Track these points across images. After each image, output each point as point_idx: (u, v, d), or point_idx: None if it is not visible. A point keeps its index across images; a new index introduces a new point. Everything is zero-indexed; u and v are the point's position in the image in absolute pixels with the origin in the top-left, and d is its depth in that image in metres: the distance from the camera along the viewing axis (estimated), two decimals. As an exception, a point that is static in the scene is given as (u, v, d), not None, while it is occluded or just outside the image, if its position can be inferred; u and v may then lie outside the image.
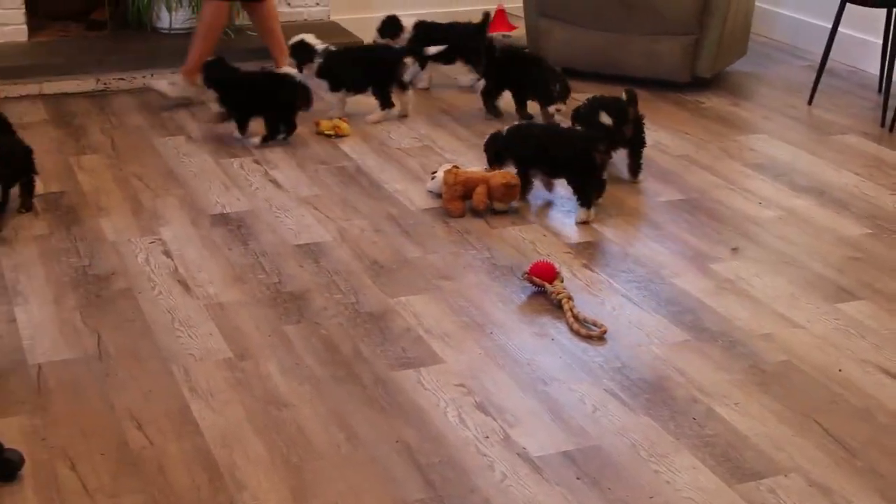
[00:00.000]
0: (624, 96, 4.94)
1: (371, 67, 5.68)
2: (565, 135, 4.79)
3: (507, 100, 5.78)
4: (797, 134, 5.69)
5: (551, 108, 5.45)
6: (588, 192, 4.60)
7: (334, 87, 5.63)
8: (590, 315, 3.83)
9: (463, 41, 6.04)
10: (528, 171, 4.76)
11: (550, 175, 4.80)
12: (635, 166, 5.04)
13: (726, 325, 3.83)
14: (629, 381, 3.49)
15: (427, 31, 6.09)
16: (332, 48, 5.69)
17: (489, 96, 5.78)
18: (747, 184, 5.03)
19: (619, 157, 5.06)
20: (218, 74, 5.37)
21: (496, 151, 4.83)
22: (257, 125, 5.39)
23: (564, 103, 5.39)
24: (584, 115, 4.96)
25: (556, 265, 4.05)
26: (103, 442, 3.17)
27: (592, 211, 4.62)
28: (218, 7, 5.72)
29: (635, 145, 5.04)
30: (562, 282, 3.98)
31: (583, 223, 4.59)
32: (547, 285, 3.96)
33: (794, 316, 3.90)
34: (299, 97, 5.35)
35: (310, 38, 5.65)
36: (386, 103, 5.68)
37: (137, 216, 4.59)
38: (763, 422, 3.30)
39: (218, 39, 5.83)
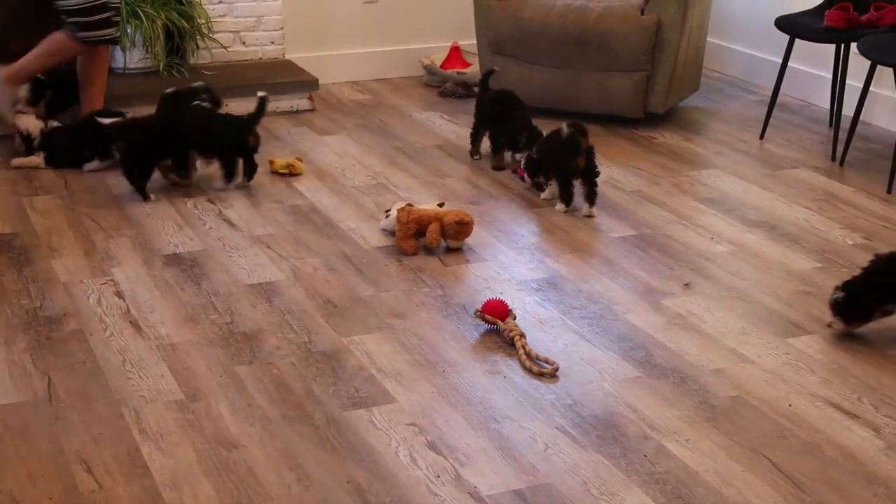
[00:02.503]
0: (565, 129, 5.06)
1: None
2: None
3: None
4: (749, 168, 5.74)
5: (517, 156, 5.47)
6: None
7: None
8: (542, 352, 3.84)
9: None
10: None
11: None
12: (591, 195, 5.10)
13: (677, 360, 3.85)
14: (580, 419, 3.50)
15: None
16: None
17: (474, 136, 5.82)
18: (699, 219, 5.07)
19: (575, 190, 5.13)
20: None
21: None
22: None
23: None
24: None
25: (509, 303, 4.06)
26: (52, 486, 3.15)
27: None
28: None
29: (588, 175, 5.10)
30: (514, 319, 4.00)
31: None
32: (499, 323, 3.97)
33: (745, 351, 3.93)
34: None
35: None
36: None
37: (90, 257, 4.57)
38: (713, 457, 3.31)
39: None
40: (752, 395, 3.65)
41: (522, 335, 3.91)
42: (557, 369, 3.75)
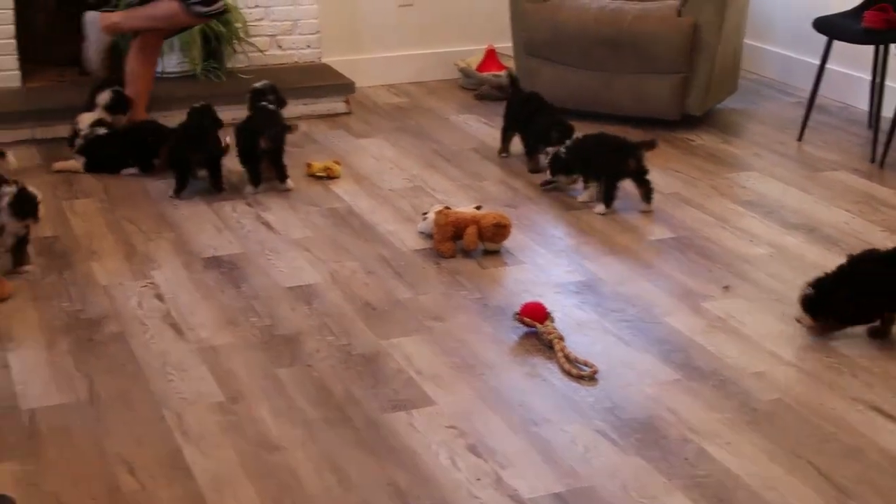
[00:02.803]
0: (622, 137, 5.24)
1: None
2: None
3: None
4: (787, 171, 5.72)
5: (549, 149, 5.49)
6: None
7: None
8: (581, 355, 3.83)
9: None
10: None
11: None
12: (647, 193, 5.17)
13: (717, 363, 3.84)
14: (620, 422, 3.49)
15: None
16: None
17: (503, 136, 5.87)
18: (738, 221, 5.05)
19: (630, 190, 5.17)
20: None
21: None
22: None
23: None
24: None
25: (547, 305, 4.06)
26: (95, 487, 3.17)
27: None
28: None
29: (641, 174, 5.16)
30: (553, 322, 3.99)
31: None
32: (538, 326, 3.97)
33: (786, 354, 3.91)
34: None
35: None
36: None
37: (130, 260, 4.60)
38: (754, 461, 3.30)
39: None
40: (794, 398, 3.63)
41: (561, 338, 3.90)
42: (596, 372, 3.75)
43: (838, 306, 3.98)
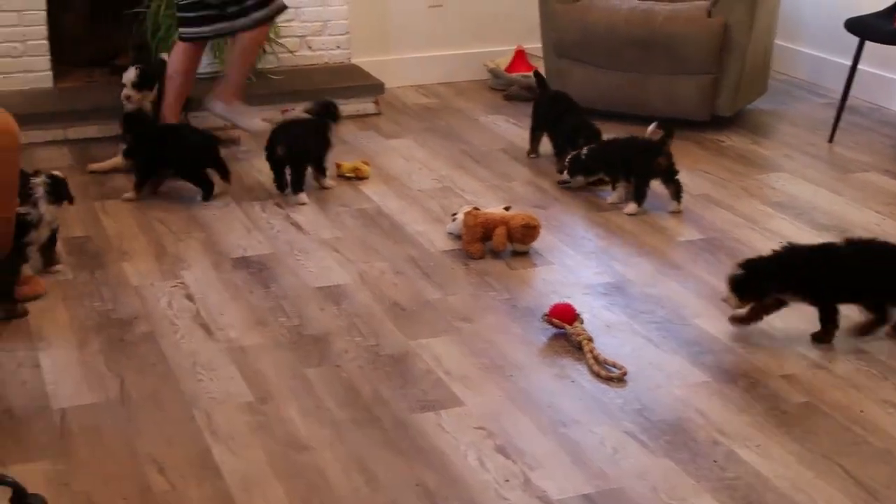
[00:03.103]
0: (653, 129, 5.24)
1: None
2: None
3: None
4: (818, 172, 5.69)
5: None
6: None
7: None
8: (610, 356, 3.83)
9: None
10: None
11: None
12: (678, 192, 5.18)
13: (747, 365, 3.83)
14: (649, 423, 3.48)
15: None
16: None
17: (531, 137, 5.88)
18: (768, 223, 5.03)
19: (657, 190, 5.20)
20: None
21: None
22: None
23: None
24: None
25: (576, 307, 4.05)
26: (126, 487, 3.18)
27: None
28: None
29: (671, 174, 5.17)
30: (581, 323, 3.99)
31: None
32: (567, 327, 3.97)
33: (816, 356, 3.89)
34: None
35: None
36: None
37: (160, 260, 4.62)
38: (784, 464, 3.29)
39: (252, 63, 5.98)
40: (824, 400, 3.62)
41: (590, 339, 3.90)
42: (625, 373, 3.74)
43: (761, 290, 3.97)
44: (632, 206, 5.11)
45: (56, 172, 4.51)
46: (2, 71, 6.20)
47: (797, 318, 4.14)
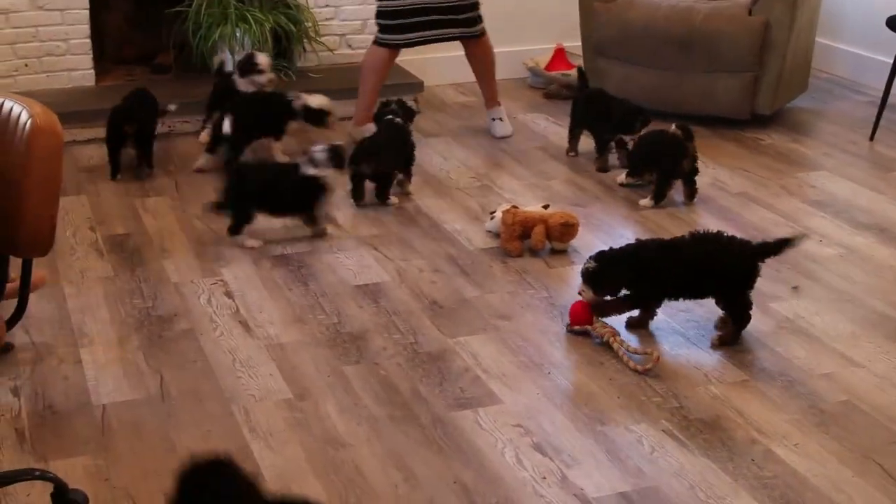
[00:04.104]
0: (674, 130, 5.16)
1: None
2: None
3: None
4: (858, 170, 5.66)
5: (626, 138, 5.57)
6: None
7: None
8: (640, 347, 3.85)
9: None
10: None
11: None
12: (692, 193, 5.22)
13: (785, 364, 3.82)
14: (687, 422, 3.48)
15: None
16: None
17: (570, 135, 5.88)
18: (808, 221, 5.01)
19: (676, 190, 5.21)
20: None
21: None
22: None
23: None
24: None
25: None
26: (165, 482, 3.17)
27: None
28: (372, 50, 6.02)
29: (690, 175, 5.20)
30: (600, 320, 3.98)
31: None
32: (589, 328, 3.96)
33: (855, 355, 3.88)
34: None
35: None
36: None
37: (200, 258, 4.65)
38: (822, 463, 3.28)
39: (380, 83, 6.07)
40: (863, 399, 3.60)
41: (615, 333, 3.90)
42: (658, 358, 3.74)
43: (614, 283, 3.96)
44: (647, 201, 5.12)
45: (338, 143, 4.93)
46: (45, 69, 6.25)
47: (836, 316, 4.13)
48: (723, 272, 3.93)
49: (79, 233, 4.84)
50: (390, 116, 5.42)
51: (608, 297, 3.98)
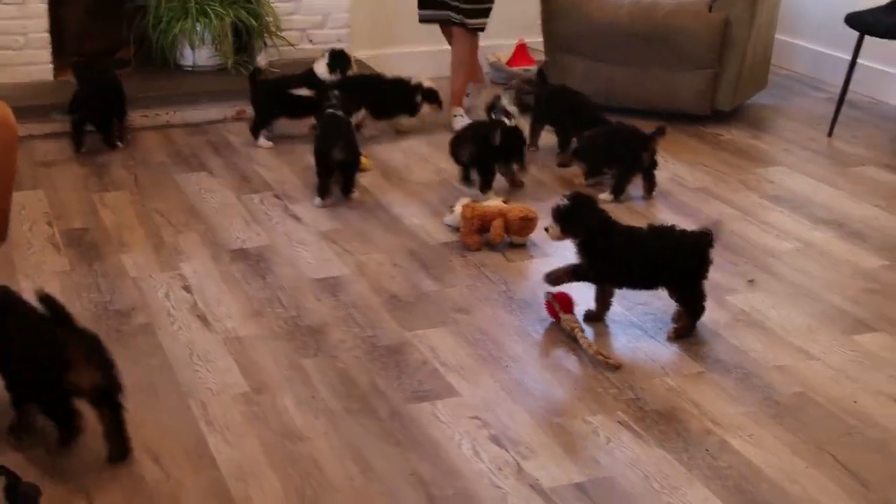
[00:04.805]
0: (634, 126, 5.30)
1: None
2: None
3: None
4: (817, 166, 5.70)
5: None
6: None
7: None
8: (605, 347, 3.86)
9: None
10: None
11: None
12: (651, 187, 5.27)
13: (741, 356, 3.84)
14: (643, 413, 3.50)
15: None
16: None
17: (531, 130, 5.85)
18: (765, 216, 5.04)
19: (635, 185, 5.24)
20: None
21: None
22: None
23: None
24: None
25: (574, 298, 4.05)
26: (121, 476, 3.20)
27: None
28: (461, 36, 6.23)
29: (649, 169, 5.25)
30: (574, 315, 3.99)
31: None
32: (562, 315, 3.98)
33: (810, 348, 3.91)
34: None
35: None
36: None
37: (159, 252, 4.63)
38: (777, 454, 3.30)
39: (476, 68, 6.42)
40: (817, 392, 3.63)
41: (583, 331, 3.91)
42: (620, 367, 3.75)
43: (581, 226, 3.99)
44: (607, 195, 5.13)
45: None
46: (3, 63, 6.20)
47: (792, 310, 4.16)
48: (675, 263, 3.94)
49: (35, 227, 4.81)
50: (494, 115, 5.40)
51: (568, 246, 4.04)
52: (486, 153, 5.21)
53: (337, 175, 5.16)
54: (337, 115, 5.30)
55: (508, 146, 5.23)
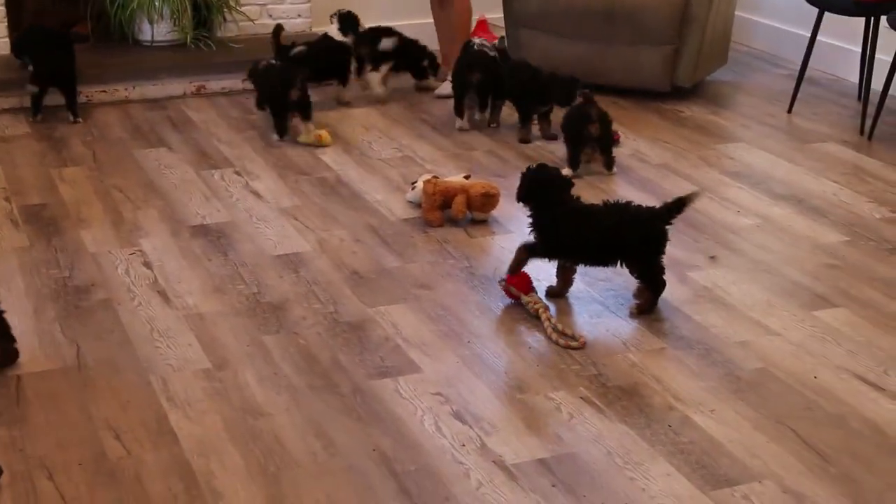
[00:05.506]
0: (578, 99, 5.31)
1: None
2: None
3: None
4: (776, 142, 5.72)
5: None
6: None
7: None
8: (568, 323, 3.86)
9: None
10: None
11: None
12: (608, 161, 5.25)
13: (703, 332, 3.86)
14: (605, 389, 3.51)
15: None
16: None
17: (494, 105, 5.91)
18: (726, 192, 5.06)
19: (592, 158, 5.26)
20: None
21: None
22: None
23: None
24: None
25: (535, 275, 4.05)
26: (81, 452, 3.18)
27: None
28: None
29: (603, 143, 5.22)
30: (536, 293, 3.99)
31: None
32: (523, 296, 3.97)
33: (771, 323, 3.92)
34: None
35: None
36: None
37: (118, 228, 4.60)
38: (738, 429, 3.32)
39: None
40: (778, 367, 3.65)
41: (546, 308, 3.91)
42: (584, 344, 3.76)
43: (533, 195, 4.04)
44: (567, 171, 5.12)
45: None
46: (-42, 38, 6.14)
47: (753, 285, 4.18)
48: (630, 239, 3.95)
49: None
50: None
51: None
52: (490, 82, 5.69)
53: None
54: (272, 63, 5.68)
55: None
